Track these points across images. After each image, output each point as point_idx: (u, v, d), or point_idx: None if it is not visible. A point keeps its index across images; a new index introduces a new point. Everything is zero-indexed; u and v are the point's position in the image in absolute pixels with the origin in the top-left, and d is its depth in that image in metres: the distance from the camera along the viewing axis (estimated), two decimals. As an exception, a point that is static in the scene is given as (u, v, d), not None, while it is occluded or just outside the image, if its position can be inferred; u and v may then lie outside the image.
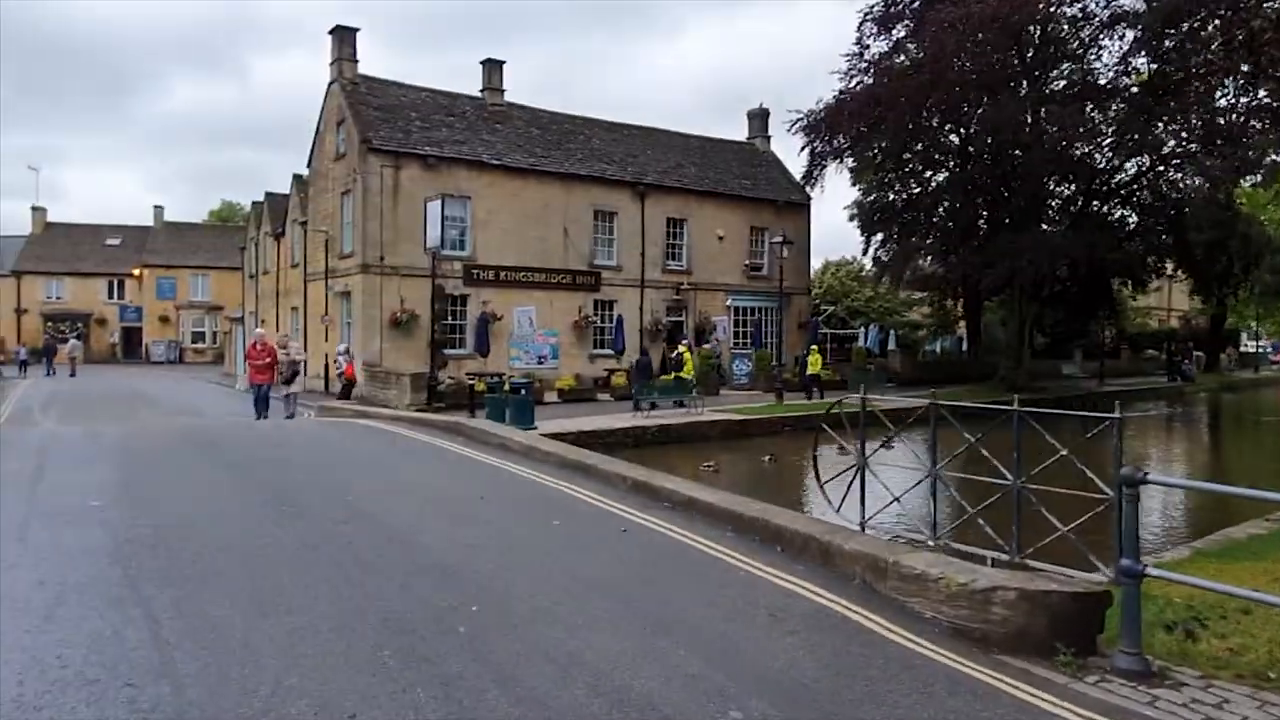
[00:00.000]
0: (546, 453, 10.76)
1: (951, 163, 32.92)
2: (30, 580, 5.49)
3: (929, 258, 35.31)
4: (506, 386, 19.42)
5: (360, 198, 26.12)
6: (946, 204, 32.81)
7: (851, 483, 8.06)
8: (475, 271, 27.74)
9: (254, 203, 39.53)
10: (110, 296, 56.96)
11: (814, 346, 29.78)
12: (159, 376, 42.51)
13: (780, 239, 27.12)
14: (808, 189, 34.33)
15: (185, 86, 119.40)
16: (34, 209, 58.64)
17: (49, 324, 54.63)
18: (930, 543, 7.21)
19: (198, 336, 57.49)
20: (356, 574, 5.79)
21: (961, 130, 31.82)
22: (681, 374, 23.90)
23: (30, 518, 7.13)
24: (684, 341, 27.53)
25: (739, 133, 39.62)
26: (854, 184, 38.87)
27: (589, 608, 5.25)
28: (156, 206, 60.09)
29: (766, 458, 17.94)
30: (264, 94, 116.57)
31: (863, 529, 7.60)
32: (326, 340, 28.09)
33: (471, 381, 21.16)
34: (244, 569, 5.84)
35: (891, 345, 41.27)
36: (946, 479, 7.54)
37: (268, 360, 18.24)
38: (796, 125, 32.22)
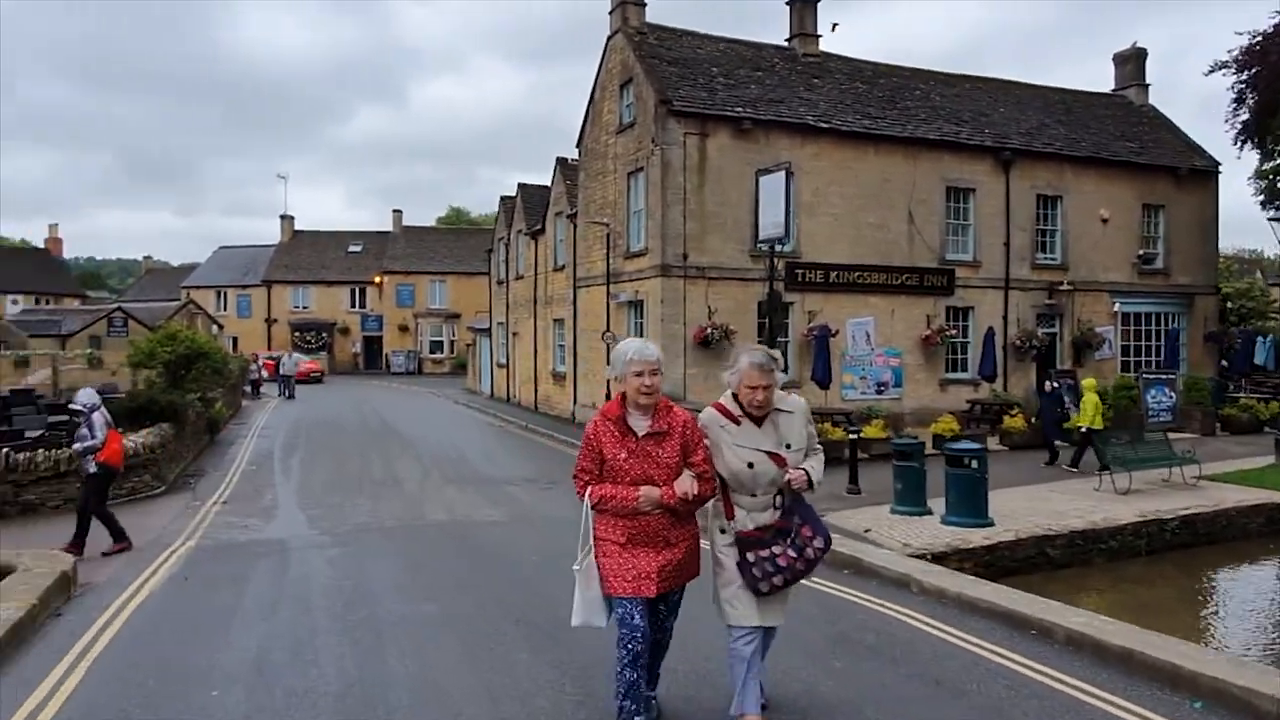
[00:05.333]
0: None
1: None
2: None
3: None
4: (926, 448, 12.23)
5: (658, 177, 19.86)
6: None
7: None
8: (800, 272, 20.80)
9: (503, 198, 34.83)
10: (352, 305, 55.42)
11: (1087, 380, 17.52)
12: (401, 392, 39.05)
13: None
14: (1241, 147, 24.80)
15: (363, 112, 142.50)
16: (283, 217, 58.40)
17: (295, 333, 53.63)
18: None
19: (435, 346, 54.73)
20: None
21: None
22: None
23: None
24: None
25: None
26: (1257, 144, 28.50)
27: None
28: (395, 211, 58.16)
29: None
30: (422, 115, 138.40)
31: None
32: (608, 363, 22.10)
33: (853, 433, 14.07)
34: None
35: (1259, 358, 30.58)
36: None
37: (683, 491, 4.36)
38: (1230, 60, 23.10)
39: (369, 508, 12.24)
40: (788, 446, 4.50)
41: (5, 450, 12.65)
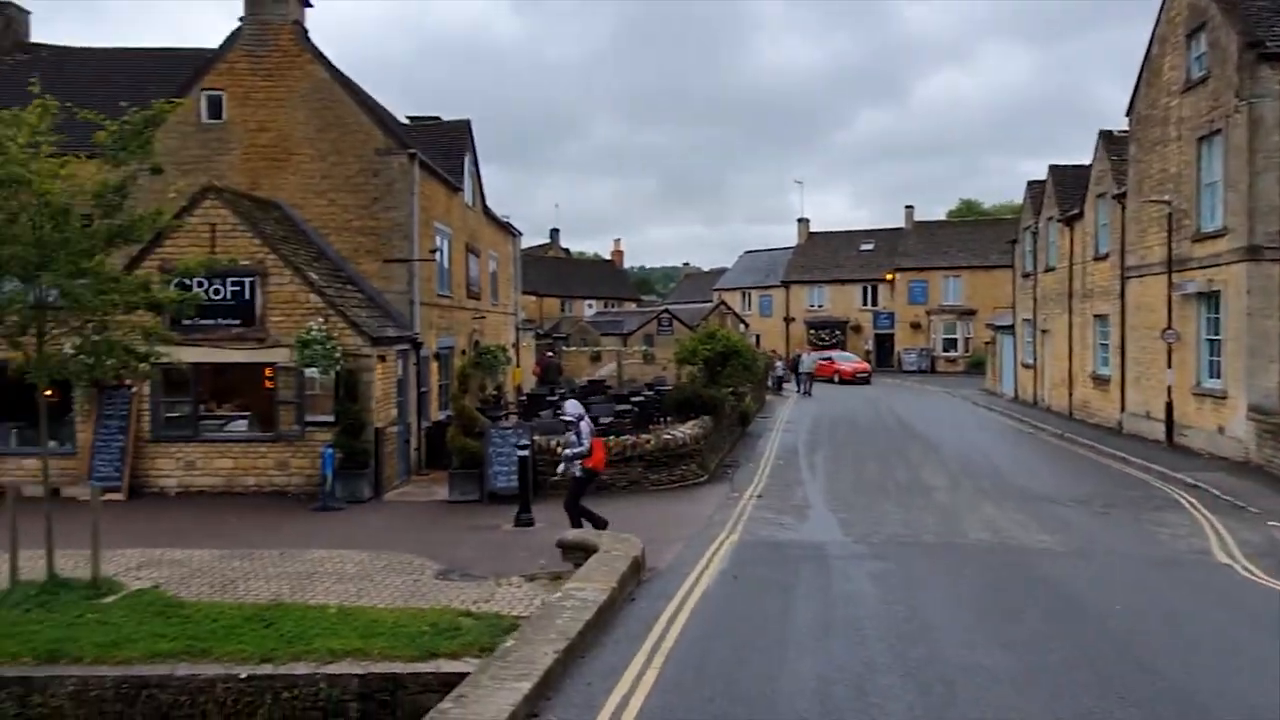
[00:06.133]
0: None
1: None
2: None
3: None
4: None
5: (1242, 139, 16.28)
6: None
7: None
8: None
9: (1030, 183, 31.89)
10: (864, 303, 56.01)
11: None
12: (914, 391, 38.24)
13: None
14: None
15: (865, 113, 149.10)
16: (799, 220, 61.37)
17: (811, 331, 55.85)
18: None
19: (948, 344, 52.64)
20: None
21: None
22: None
23: None
24: None
25: None
26: None
27: None
28: (907, 207, 57.38)
29: None
30: (924, 110, 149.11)
31: None
32: (1170, 366, 18.80)
33: None
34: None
35: None
36: None
37: None
38: None
39: (900, 517, 11.86)
40: None
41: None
